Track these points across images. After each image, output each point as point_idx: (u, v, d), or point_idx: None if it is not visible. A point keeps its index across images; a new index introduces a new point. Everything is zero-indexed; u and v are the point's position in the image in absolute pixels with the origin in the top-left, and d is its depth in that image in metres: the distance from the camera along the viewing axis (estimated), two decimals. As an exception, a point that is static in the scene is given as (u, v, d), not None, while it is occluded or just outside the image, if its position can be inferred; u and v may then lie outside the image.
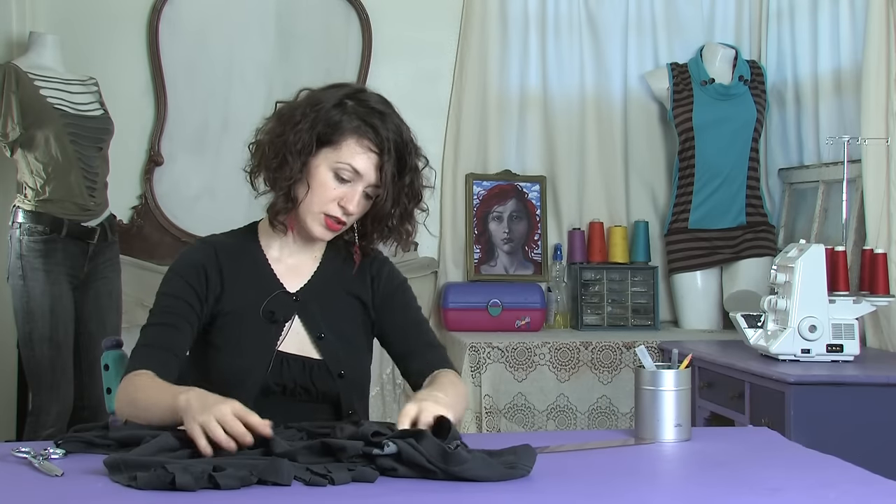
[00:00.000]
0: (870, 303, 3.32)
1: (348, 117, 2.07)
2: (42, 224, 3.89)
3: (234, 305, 2.11)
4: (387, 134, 2.07)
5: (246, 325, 2.10)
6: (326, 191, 2.07)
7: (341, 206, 2.07)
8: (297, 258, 2.18)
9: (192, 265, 2.12)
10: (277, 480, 1.56)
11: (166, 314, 2.08)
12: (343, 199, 2.07)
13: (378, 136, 2.07)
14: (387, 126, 2.08)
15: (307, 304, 2.14)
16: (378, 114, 2.09)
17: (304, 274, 2.18)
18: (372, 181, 2.08)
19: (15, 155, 3.95)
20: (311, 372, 2.10)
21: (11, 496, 1.55)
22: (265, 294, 2.13)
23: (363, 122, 2.07)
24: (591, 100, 4.82)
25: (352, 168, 2.06)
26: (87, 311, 4.02)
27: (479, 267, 4.73)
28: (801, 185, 4.57)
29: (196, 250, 2.16)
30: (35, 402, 3.93)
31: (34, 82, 3.96)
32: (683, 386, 1.97)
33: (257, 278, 2.14)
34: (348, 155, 2.06)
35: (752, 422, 3.19)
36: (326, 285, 2.17)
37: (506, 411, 4.08)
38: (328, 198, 2.07)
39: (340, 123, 2.07)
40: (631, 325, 4.61)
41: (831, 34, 4.33)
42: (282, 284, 2.15)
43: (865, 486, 1.64)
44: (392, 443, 1.64)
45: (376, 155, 2.07)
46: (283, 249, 2.18)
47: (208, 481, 1.54)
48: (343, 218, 2.09)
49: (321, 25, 4.77)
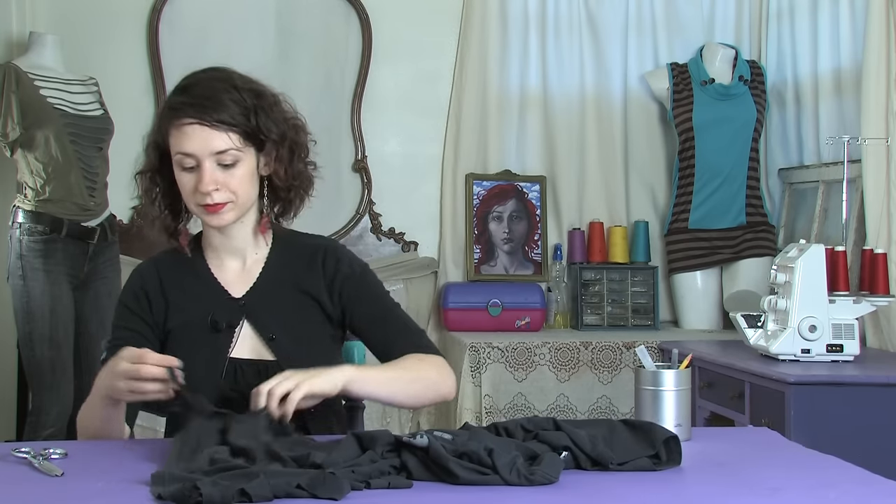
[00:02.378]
0: (870, 303, 3.32)
1: (164, 111, 2.05)
2: (42, 224, 3.89)
3: (182, 320, 2.10)
4: (194, 100, 2.01)
5: (196, 336, 2.08)
6: (184, 186, 2.04)
7: (200, 191, 2.01)
8: (240, 261, 2.15)
9: (132, 293, 2.15)
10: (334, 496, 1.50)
11: (116, 349, 2.01)
12: (199, 183, 2.01)
13: (187, 109, 2.00)
14: (193, 92, 2.02)
15: (254, 307, 2.11)
16: (180, 90, 2.05)
17: (250, 278, 2.14)
18: (212, 149, 2.01)
19: (15, 155, 3.95)
20: (265, 374, 1.99)
21: (11, 496, 1.55)
22: (211, 302, 2.11)
23: (169, 108, 2.03)
24: (591, 100, 4.82)
25: (182, 153, 2.01)
26: (87, 311, 4.03)
27: (479, 267, 4.73)
28: (801, 185, 4.57)
29: (138, 274, 2.17)
30: (35, 402, 3.93)
31: (34, 82, 3.96)
32: (683, 386, 1.97)
33: (202, 289, 2.12)
34: (175, 144, 2.02)
35: (752, 422, 3.19)
36: (274, 286, 2.13)
37: (506, 411, 4.08)
38: (189, 191, 2.04)
39: (159, 124, 2.05)
40: (631, 325, 4.61)
41: (831, 34, 4.33)
42: (227, 292, 2.12)
43: (865, 486, 1.64)
44: (425, 436, 1.63)
45: (196, 125, 2.00)
46: (223, 257, 2.15)
47: (241, 495, 1.48)
48: (212, 200, 2.02)
49: (321, 25, 4.77)
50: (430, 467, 1.60)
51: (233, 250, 2.15)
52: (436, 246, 4.82)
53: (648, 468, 1.69)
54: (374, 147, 4.80)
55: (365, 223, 4.80)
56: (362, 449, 1.67)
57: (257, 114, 2.05)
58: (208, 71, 2.09)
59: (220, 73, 2.09)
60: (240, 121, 2.03)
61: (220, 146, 2.01)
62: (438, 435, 1.64)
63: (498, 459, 1.59)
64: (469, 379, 4.09)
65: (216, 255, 2.16)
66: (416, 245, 4.81)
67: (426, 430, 1.66)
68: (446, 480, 1.59)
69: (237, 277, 2.14)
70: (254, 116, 2.04)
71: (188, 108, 2.00)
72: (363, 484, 1.56)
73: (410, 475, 1.60)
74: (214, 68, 2.11)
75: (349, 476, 1.56)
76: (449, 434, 1.66)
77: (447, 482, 1.59)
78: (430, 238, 4.83)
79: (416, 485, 1.59)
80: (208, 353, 2.08)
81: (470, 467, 1.59)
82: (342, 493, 1.50)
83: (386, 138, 4.84)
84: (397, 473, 1.60)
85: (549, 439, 1.70)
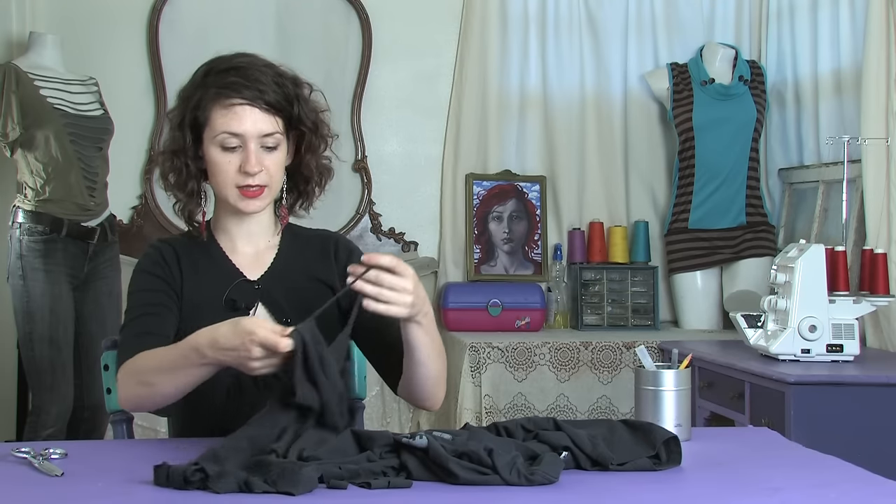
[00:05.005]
0: (870, 303, 3.32)
1: (206, 91, 2.04)
2: (42, 224, 3.89)
3: (197, 299, 2.09)
4: (248, 81, 2.02)
5: (210, 315, 2.05)
6: (223, 167, 2.04)
7: (243, 171, 2.03)
8: (254, 247, 2.16)
9: (153, 261, 2.12)
10: (290, 490, 1.52)
11: (143, 306, 2.05)
12: (241, 165, 2.03)
13: (241, 89, 2.02)
14: (248, 75, 2.03)
15: (270, 290, 2.11)
16: (234, 70, 2.04)
17: (264, 262, 2.15)
18: (260, 131, 2.03)
19: (15, 155, 3.96)
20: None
21: (11, 496, 1.55)
22: (226, 283, 2.11)
23: (221, 87, 2.03)
24: (591, 100, 4.82)
25: (229, 133, 2.02)
26: (87, 311, 4.03)
27: (479, 267, 4.73)
28: (801, 185, 4.57)
29: (155, 249, 2.15)
30: (35, 402, 3.93)
31: (34, 82, 3.96)
32: (683, 386, 1.97)
33: (217, 271, 2.12)
34: (221, 123, 2.02)
35: (752, 422, 3.19)
36: (288, 272, 2.14)
37: (506, 411, 4.08)
38: (229, 172, 2.04)
39: (202, 101, 2.04)
40: (631, 325, 4.61)
41: (831, 34, 4.34)
42: (242, 274, 2.13)
43: (865, 486, 1.64)
44: (424, 436, 1.63)
45: (248, 106, 2.02)
46: (236, 240, 2.15)
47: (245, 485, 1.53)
48: (254, 182, 2.04)
49: (321, 25, 4.77)
50: (429, 467, 1.60)
51: (248, 236, 2.16)
52: (436, 246, 4.83)
53: (648, 468, 1.70)
54: (374, 147, 4.80)
55: (365, 223, 4.80)
56: (361, 449, 1.67)
57: (298, 102, 2.08)
58: (246, 55, 2.09)
59: (260, 58, 2.10)
60: (284, 106, 2.06)
61: (268, 129, 2.04)
62: (438, 435, 1.64)
63: (498, 459, 1.59)
64: (469, 379, 4.09)
65: (229, 240, 2.16)
66: (416, 245, 4.81)
67: (425, 431, 1.66)
68: (446, 480, 1.59)
69: (251, 262, 2.15)
70: (296, 104, 2.08)
71: (242, 88, 2.02)
72: (345, 482, 1.56)
73: (410, 475, 1.60)
74: (249, 54, 2.11)
75: (334, 473, 1.56)
76: (449, 434, 1.66)
77: (447, 482, 1.59)
78: (430, 238, 4.83)
79: (416, 485, 1.58)
80: None
81: (470, 467, 1.59)
82: (299, 488, 1.51)
83: (386, 138, 4.84)
84: (396, 474, 1.60)
85: (549, 439, 1.70)
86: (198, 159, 2.08)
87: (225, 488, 1.52)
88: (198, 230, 2.14)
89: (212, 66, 2.08)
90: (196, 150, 2.08)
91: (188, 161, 2.07)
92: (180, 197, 2.11)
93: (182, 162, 2.08)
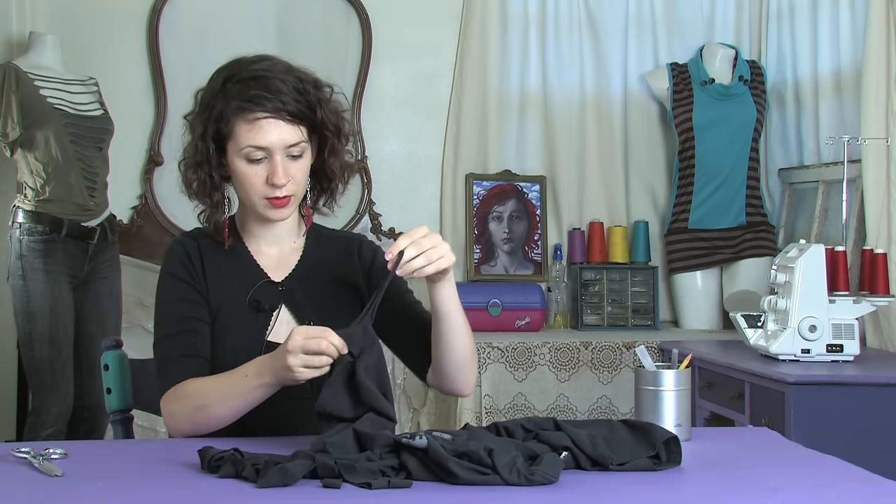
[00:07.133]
0: (870, 303, 3.32)
1: (227, 102, 2.03)
2: (42, 224, 3.89)
3: (220, 299, 2.09)
4: (271, 94, 2.01)
5: (233, 315, 2.08)
6: (250, 178, 2.04)
7: (271, 183, 2.02)
8: (278, 249, 2.16)
9: (179, 261, 2.11)
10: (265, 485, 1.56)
11: (179, 321, 2.05)
12: (269, 176, 2.03)
13: (264, 102, 2.01)
14: (270, 86, 2.02)
15: (293, 292, 2.12)
16: (254, 80, 2.03)
17: (289, 264, 2.15)
18: (285, 143, 2.02)
19: (15, 155, 3.96)
20: None
21: (11, 496, 1.55)
22: (250, 284, 2.11)
23: (243, 101, 2.02)
24: (591, 100, 4.82)
25: (255, 146, 2.02)
26: (87, 311, 4.03)
27: (479, 267, 4.73)
28: (801, 185, 4.57)
29: (179, 245, 2.14)
30: (35, 402, 3.93)
31: (34, 82, 3.96)
32: (683, 386, 1.97)
33: (241, 271, 2.12)
34: (247, 138, 2.01)
35: (752, 422, 3.19)
36: (312, 273, 2.15)
37: (506, 411, 4.08)
38: (256, 184, 2.04)
39: (225, 113, 2.03)
40: (631, 325, 4.61)
41: (831, 34, 4.34)
42: (266, 275, 2.13)
43: (865, 486, 1.64)
44: (424, 436, 1.63)
45: (272, 119, 2.01)
46: (261, 242, 2.15)
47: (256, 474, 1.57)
48: (281, 193, 2.04)
49: (321, 25, 4.77)
50: (429, 467, 1.60)
51: (273, 238, 2.16)
52: (436, 246, 4.81)
53: (648, 468, 1.69)
54: (374, 147, 4.80)
55: (365, 223, 4.80)
56: (361, 449, 1.67)
57: (321, 106, 2.08)
58: (265, 59, 2.09)
59: (279, 63, 2.09)
60: (308, 115, 2.06)
61: (293, 139, 2.04)
62: (438, 435, 1.64)
63: (498, 459, 1.59)
64: (469, 379, 4.08)
65: (254, 241, 2.16)
66: (415, 245, 4.80)
67: (425, 431, 1.66)
68: (446, 480, 1.59)
69: (276, 263, 2.15)
70: (319, 110, 2.07)
71: (265, 101, 2.01)
72: (339, 480, 1.56)
73: (410, 475, 1.60)
74: (267, 57, 2.10)
75: (329, 470, 1.57)
76: (449, 434, 1.66)
77: (447, 482, 1.58)
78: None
79: (416, 485, 1.58)
80: (245, 335, 2.07)
81: (470, 467, 1.59)
82: (269, 483, 1.54)
83: (386, 138, 4.84)
84: (396, 474, 1.60)
85: (549, 439, 1.70)
86: (221, 167, 2.08)
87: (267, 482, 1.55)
88: (222, 236, 2.13)
89: (231, 72, 2.07)
90: (220, 160, 2.07)
91: (212, 172, 2.07)
92: (204, 207, 2.11)
93: (206, 173, 2.07)
